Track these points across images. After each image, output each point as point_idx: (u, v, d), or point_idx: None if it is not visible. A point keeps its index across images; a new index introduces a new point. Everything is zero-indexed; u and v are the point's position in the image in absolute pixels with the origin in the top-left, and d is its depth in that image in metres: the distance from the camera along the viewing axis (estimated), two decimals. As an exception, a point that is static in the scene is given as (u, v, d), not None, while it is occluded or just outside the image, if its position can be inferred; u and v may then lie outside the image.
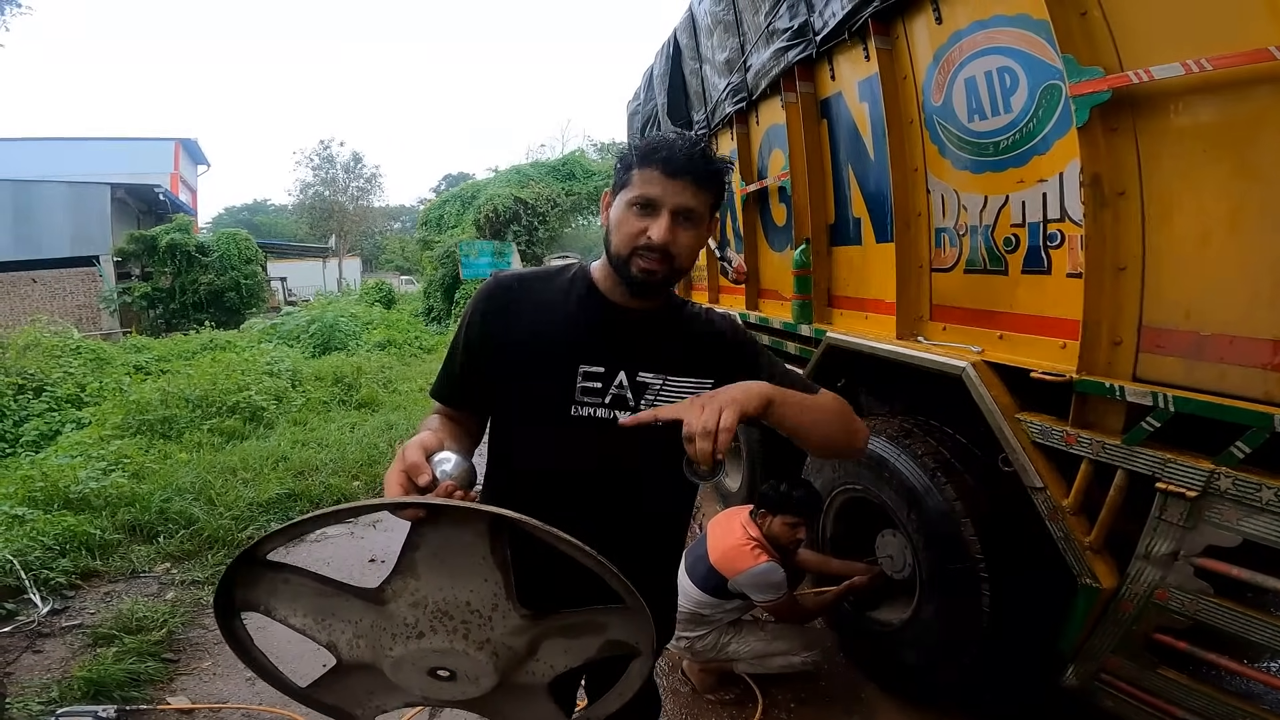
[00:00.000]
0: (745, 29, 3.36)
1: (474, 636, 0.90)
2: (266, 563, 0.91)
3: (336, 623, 0.92)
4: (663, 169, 1.10)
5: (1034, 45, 1.77)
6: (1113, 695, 1.74)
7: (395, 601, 0.89)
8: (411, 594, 0.88)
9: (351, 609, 0.91)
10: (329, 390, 8.43)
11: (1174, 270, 1.49)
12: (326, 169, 37.71)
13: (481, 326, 1.22)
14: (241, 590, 0.91)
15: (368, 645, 0.92)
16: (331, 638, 0.93)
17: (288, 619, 0.92)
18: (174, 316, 18.01)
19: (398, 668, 0.93)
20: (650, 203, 1.11)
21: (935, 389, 2.20)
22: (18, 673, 2.87)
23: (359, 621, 0.91)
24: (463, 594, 0.88)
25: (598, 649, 0.96)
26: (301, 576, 0.91)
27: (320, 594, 0.91)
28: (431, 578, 0.87)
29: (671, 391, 1.21)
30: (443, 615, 0.89)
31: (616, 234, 1.15)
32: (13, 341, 9.99)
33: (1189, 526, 1.46)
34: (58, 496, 4.35)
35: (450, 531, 0.85)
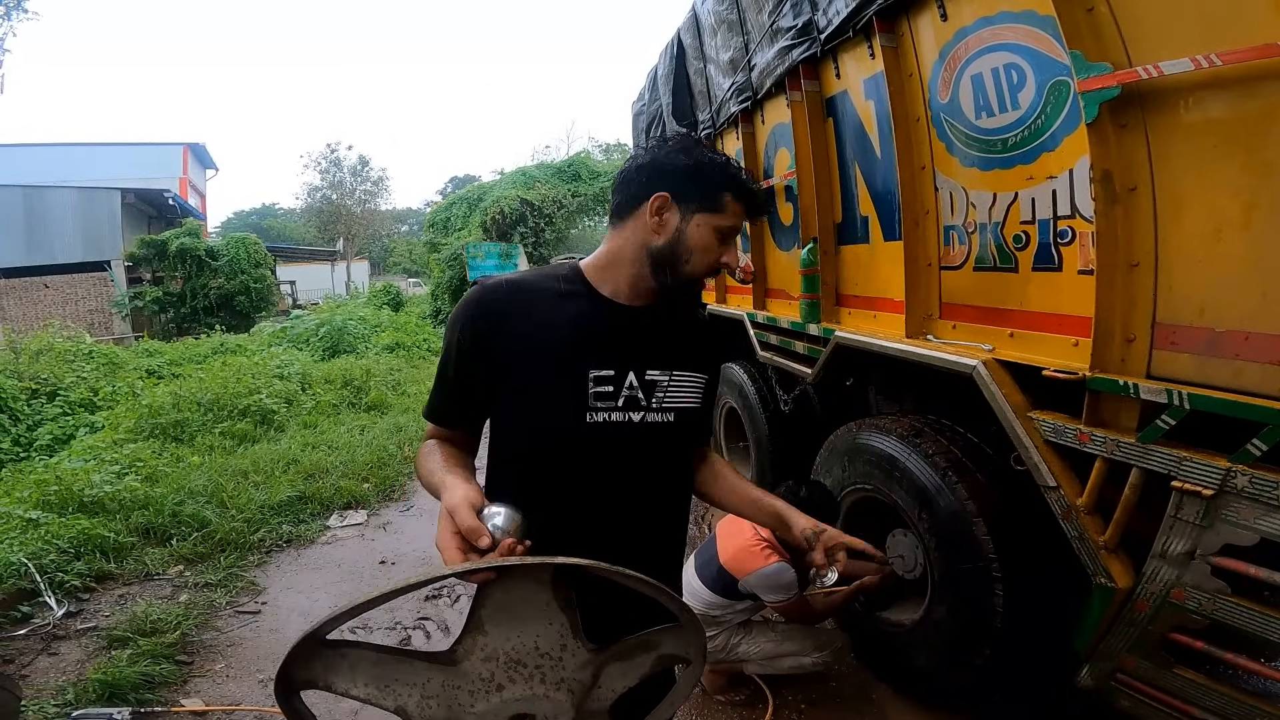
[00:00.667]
0: (749, 28, 3.35)
1: (550, 678, 0.92)
2: (325, 641, 0.90)
3: (401, 687, 0.92)
4: (748, 208, 1.18)
5: (1041, 41, 1.75)
6: (1128, 695, 1.72)
7: (468, 660, 0.90)
8: (482, 650, 0.90)
9: (416, 672, 0.91)
10: (338, 393, 8.47)
11: (1187, 266, 1.47)
12: (334, 172, 37.98)
13: (474, 340, 1.16)
14: (301, 669, 0.90)
15: (441, 704, 0.92)
16: (399, 702, 0.92)
17: (349, 691, 0.92)
18: (185, 320, 18.14)
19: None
20: (733, 233, 1.18)
21: (945, 388, 2.19)
22: (33, 675, 2.90)
23: (427, 683, 0.91)
24: (530, 640, 0.90)
25: (650, 665, 1.00)
26: (359, 650, 0.90)
27: (380, 663, 0.91)
28: (498, 631, 0.89)
29: (677, 386, 1.20)
30: (516, 664, 0.91)
31: (701, 256, 1.16)
32: (26, 346, 10.08)
33: (1205, 525, 1.44)
34: (72, 500, 4.40)
35: (512, 586, 0.87)
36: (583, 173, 18.69)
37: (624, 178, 1.19)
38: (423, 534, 4.47)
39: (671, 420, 1.20)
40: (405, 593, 0.82)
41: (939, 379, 2.16)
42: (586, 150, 22.89)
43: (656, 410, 1.18)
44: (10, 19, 13.80)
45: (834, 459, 2.69)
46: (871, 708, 2.56)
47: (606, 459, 1.17)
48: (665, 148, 1.17)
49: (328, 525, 4.71)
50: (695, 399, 1.24)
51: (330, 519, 4.81)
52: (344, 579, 3.91)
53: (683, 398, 1.21)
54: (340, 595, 3.70)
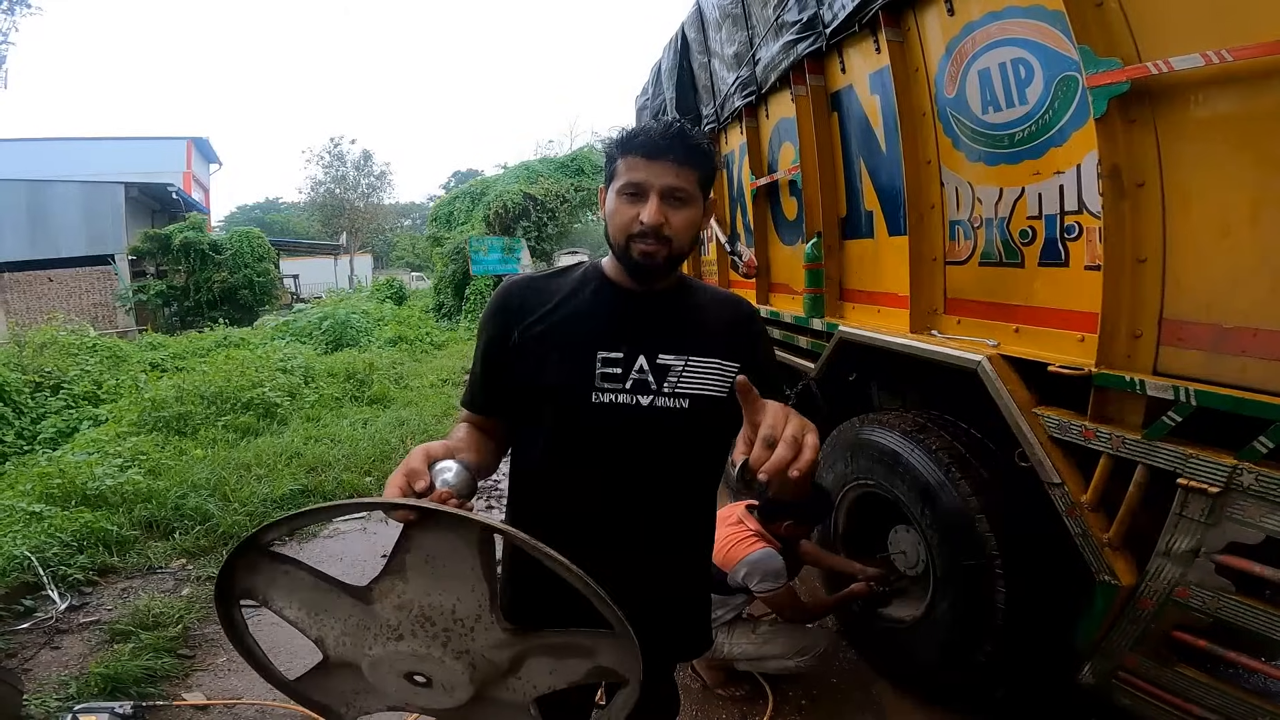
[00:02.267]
0: (753, 22, 3.34)
1: (453, 645, 0.90)
2: (269, 553, 0.93)
3: (327, 619, 0.93)
4: (643, 153, 1.12)
5: (1049, 36, 1.74)
6: (1130, 693, 1.72)
7: (381, 602, 0.90)
8: (398, 596, 0.89)
9: (341, 606, 0.92)
10: (341, 386, 8.48)
11: (1195, 262, 1.46)
12: (337, 167, 38.00)
13: (495, 328, 1.24)
14: (243, 577, 0.93)
15: (352, 643, 0.94)
16: (320, 633, 0.95)
17: (282, 610, 0.94)
18: (188, 314, 18.17)
19: (375, 668, 0.94)
20: (638, 188, 1.13)
21: (949, 383, 2.18)
22: (36, 669, 2.90)
23: (347, 619, 0.93)
24: (448, 601, 0.89)
25: (585, 674, 0.95)
26: (300, 570, 0.93)
27: (315, 588, 0.93)
28: (419, 582, 0.88)
29: (694, 372, 1.19)
30: (425, 621, 0.89)
31: (612, 223, 1.16)
32: (30, 339, 10.10)
33: (1211, 523, 1.43)
34: (75, 493, 4.40)
35: (440, 538, 0.86)
36: (585, 167, 18.66)
37: None
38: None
39: (685, 406, 1.18)
40: (337, 513, 0.91)
41: (943, 374, 2.15)
42: (590, 145, 22.84)
43: (669, 395, 1.17)
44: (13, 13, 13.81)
45: (837, 454, 2.68)
46: (872, 704, 2.55)
47: (613, 441, 1.17)
48: None
49: (330, 519, 4.72)
50: (718, 388, 1.21)
51: (333, 515, 4.82)
52: (346, 572, 3.88)
53: (701, 385, 1.20)
54: (342, 589, 3.70)
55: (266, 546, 0.92)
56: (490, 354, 1.25)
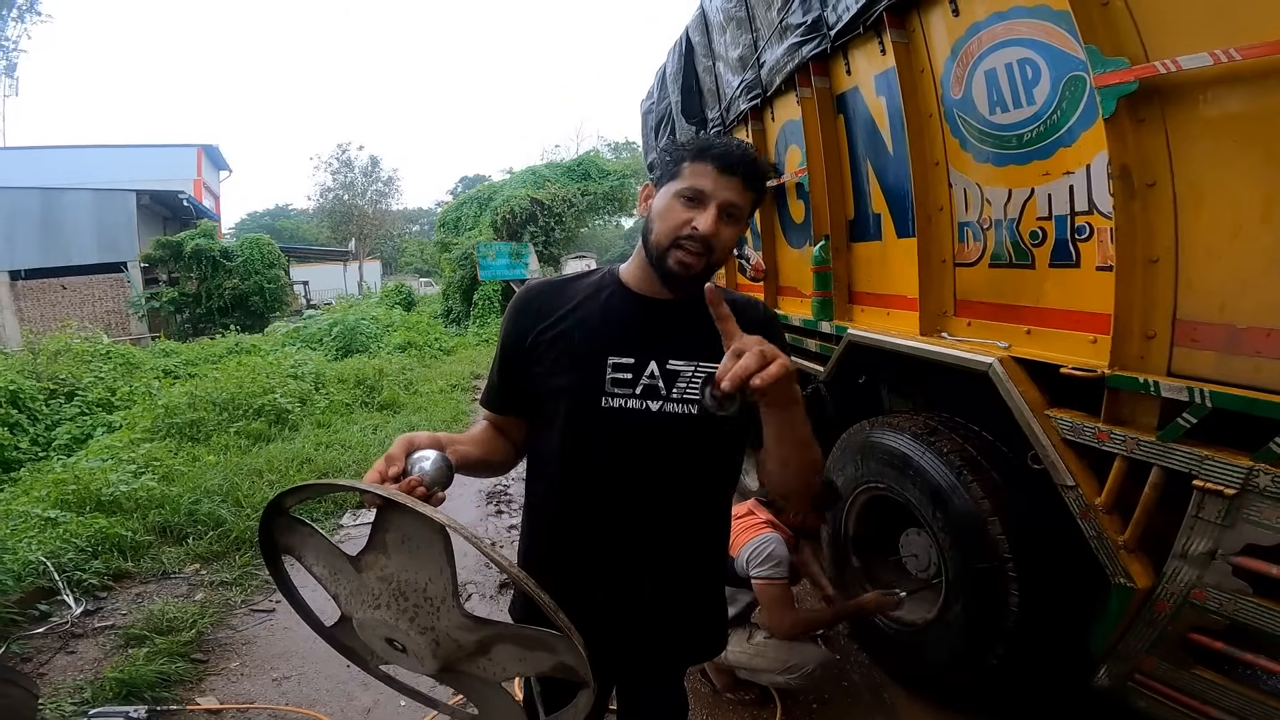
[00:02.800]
0: (758, 25, 3.34)
1: (419, 621, 0.97)
2: (294, 518, 1.05)
3: (341, 579, 1.03)
4: (716, 164, 1.13)
5: (1055, 36, 1.73)
6: (1146, 695, 1.71)
7: (367, 572, 0.99)
8: (381, 569, 0.97)
9: (346, 570, 1.02)
10: (351, 392, 8.52)
11: (1207, 261, 1.45)
12: (345, 173, 38.16)
13: (512, 330, 1.27)
14: (282, 536, 1.07)
15: (354, 602, 1.03)
16: (336, 590, 1.04)
17: (311, 567, 1.06)
18: (200, 321, 18.32)
19: (361, 628, 1.04)
20: (700, 195, 1.13)
21: (959, 386, 2.17)
22: (51, 673, 2.92)
23: (349, 582, 1.02)
24: (422, 579, 0.96)
25: (550, 667, 0.99)
26: (318, 536, 1.05)
27: (330, 552, 1.04)
28: (399, 559, 0.96)
29: (704, 377, 1.19)
30: (399, 594, 0.97)
31: (660, 223, 1.16)
32: (44, 347, 10.20)
33: (1227, 525, 1.42)
34: (90, 499, 4.44)
35: (411, 522, 0.93)
36: (592, 171, 18.71)
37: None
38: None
39: (694, 413, 1.19)
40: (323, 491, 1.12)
41: (953, 377, 2.14)
42: (596, 149, 22.89)
43: (678, 401, 1.18)
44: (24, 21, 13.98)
45: (846, 457, 2.67)
46: (884, 708, 2.54)
47: (623, 445, 1.18)
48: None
49: (341, 524, 4.74)
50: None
51: (344, 518, 4.84)
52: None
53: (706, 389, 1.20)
54: (354, 594, 3.71)
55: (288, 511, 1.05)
56: (506, 355, 1.28)
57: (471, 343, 14.70)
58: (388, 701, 2.76)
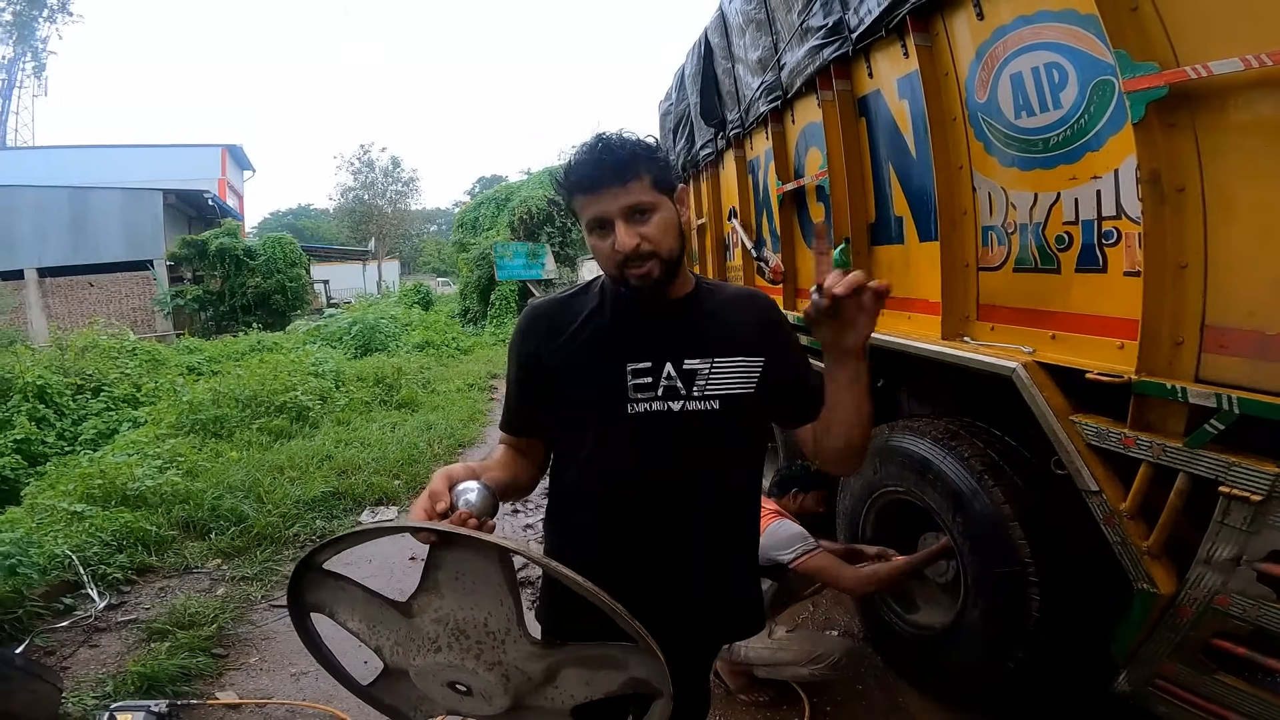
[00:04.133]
0: (778, 27, 3.33)
1: (485, 657, 0.95)
2: (326, 571, 1.02)
3: (382, 630, 1.01)
4: (584, 189, 1.12)
5: (1083, 40, 1.72)
6: (1166, 700, 1.69)
7: (420, 616, 0.97)
8: (435, 610, 0.96)
9: (391, 619, 1.00)
10: (370, 390, 8.62)
11: (1237, 268, 1.43)
12: (366, 173, 38.57)
13: (524, 352, 1.27)
14: (311, 593, 1.03)
15: (402, 653, 1.00)
16: (378, 643, 1.02)
17: (346, 622, 1.03)
18: (224, 318, 18.60)
19: (420, 677, 1.01)
20: (601, 221, 1.13)
21: (981, 390, 2.16)
22: (74, 667, 2.97)
23: (397, 631, 1.00)
24: (480, 615, 0.94)
25: (619, 685, 0.98)
26: (354, 586, 1.02)
27: (369, 603, 1.01)
28: (453, 597, 0.95)
29: (720, 373, 1.21)
30: (460, 634, 0.95)
31: (600, 262, 1.19)
32: (72, 343, 10.41)
33: (1253, 531, 1.41)
34: (115, 493, 4.53)
35: (465, 556, 0.92)
36: (610, 173, 18.71)
37: None
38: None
39: (716, 408, 1.20)
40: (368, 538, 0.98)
41: (974, 381, 2.13)
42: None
43: (699, 399, 1.20)
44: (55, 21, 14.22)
45: (866, 461, 2.65)
46: (899, 712, 2.53)
47: (651, 448, 1.20)
48: None
49: (360, 521, 4.79)
50: (744, 385, 1.23)
51: (362, 515, 4.90)
52: (375, 574, 3.96)
53: (729, 384, 1.21)
54: (372, 590, 3.75)
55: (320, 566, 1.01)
56: (522, 377, 1.28)
57: (489, 342, 14.79)
58: (405, 698, 2.79)
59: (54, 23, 32.56)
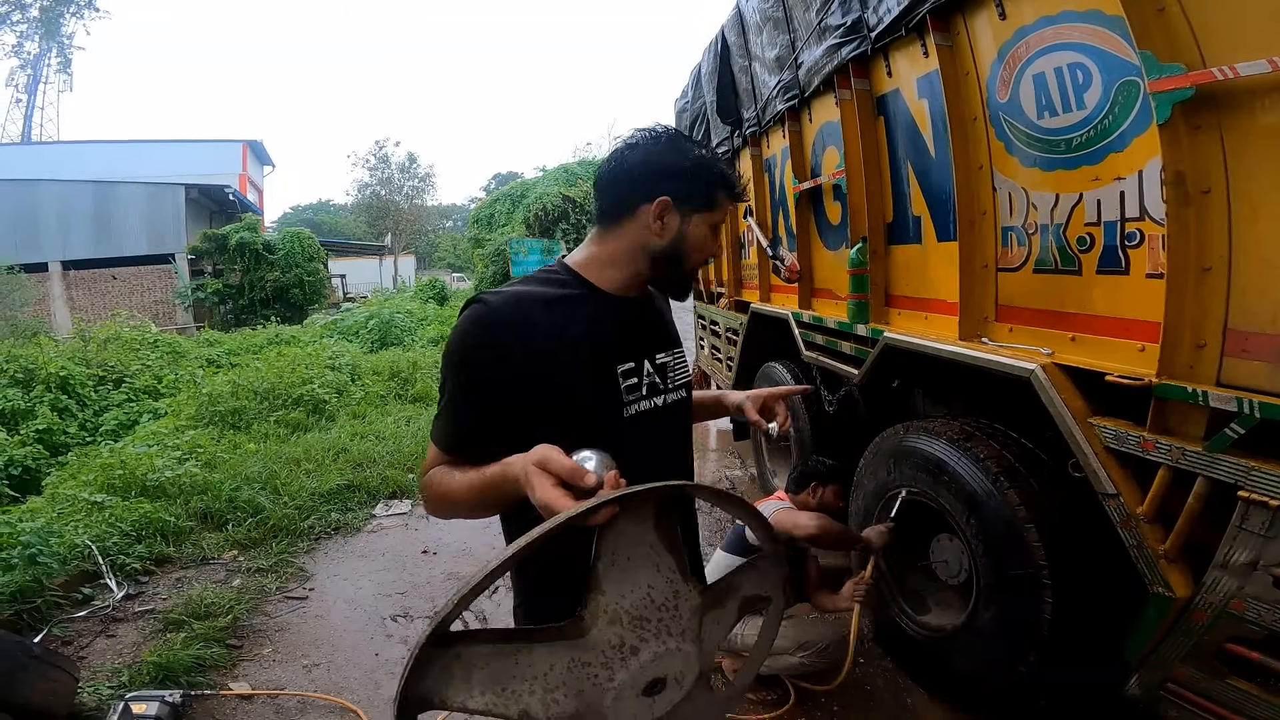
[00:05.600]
0: (795, 26, 3.32)
1: (674, 629, 0.85)
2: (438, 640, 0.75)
3: (520, 685, 0.78)
4: (732, 198, 1.21)
5: (1108, 41, 1.70)
6: (1178, 705, 1.68)
7: (595, 627, 0.81)
8: (605, 612, 0.81)
9: (535, 662, 0.79)
10: (386, 384, 8.68)
11: (1261, 271, 1.42)
12: (383, 169, 38.80)
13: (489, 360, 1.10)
14: (412, 686, 0.73)
15: (569, 693, 0.80)
16: (523, 706, 0.78)
17: (466, 704, 0.76)
18: (242, 312, 18.80)
19: (619, 699, 0.83)
20: (720, 225, 1.24)
21: (997, 392, 2.14)
22: (91, 656, 3.01)
23: (549, 672, 0.79)
24: (642, 592, 0.83)
25: (737, 610, 0.97)
26: (474, 645, 0.77)
27: (495, 657, 0.78)
28: (613, 587, 0.82)
29: (679, 363, 1.30)
30: (640, 621, 0.83)
31: (699, 253, 1.21)
32: (95, 335, 10.56)
33: (1271, 536, 1.39)
34: (135, 484, 4.59)
35: (623, 529, 0.81)
36: (625, 170, 18.73)
37: (613, 179, 1.18)
38: (463, 525, 4.51)
39: (685, 396, 1.30)
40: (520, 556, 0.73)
41: (990, 382, 2.11)
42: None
43: (673, 390, 1.26)
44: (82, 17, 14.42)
45: (880, 461, 2.65)
46: (907, 714, 2.52)
47: (646, 447, 1.18)
48: (653, 146, 1.17)
49: (374, 514, 4.84)
50: (688, 371, 1.34)
51: (376, 508, 4.93)
52: (388, 567, 4.00)
53: (685, 372, 1.31)
54: (385, 583, 3.79)
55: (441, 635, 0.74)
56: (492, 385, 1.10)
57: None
58: (416, 690, 2.81)
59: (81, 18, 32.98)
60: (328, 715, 2.69)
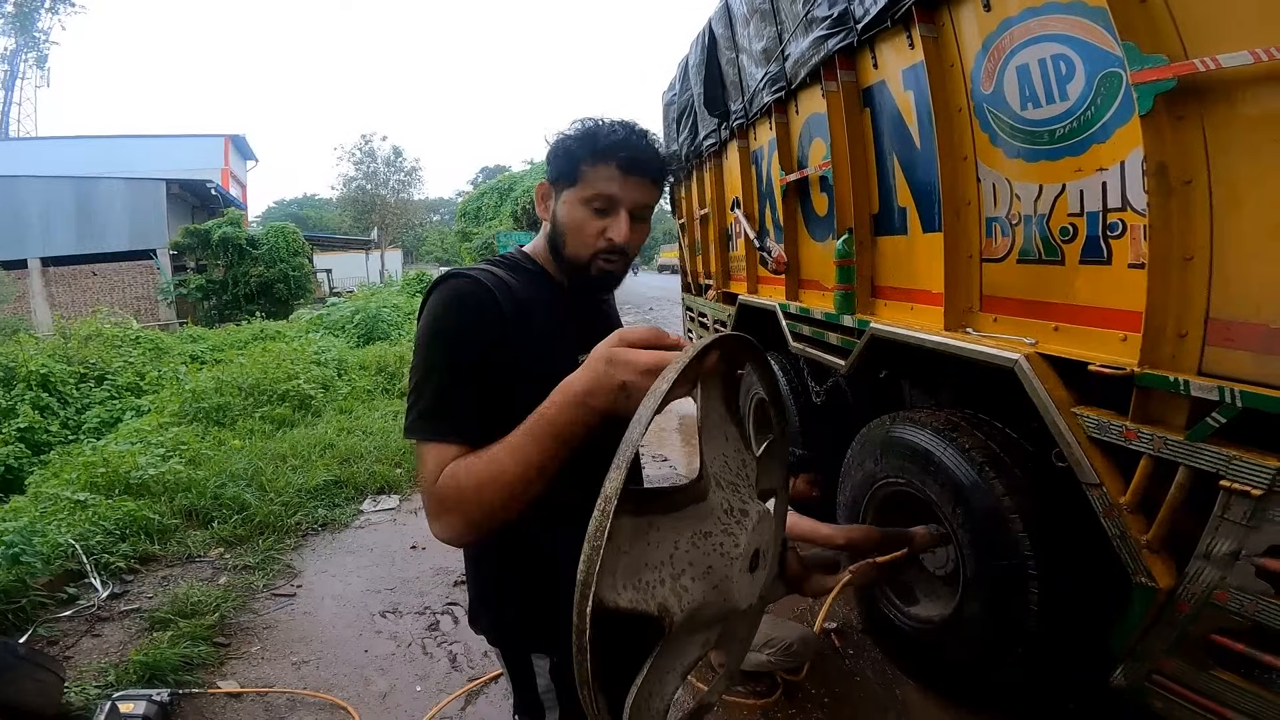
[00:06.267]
0: (783, 18, 3.31)
1: (753, 495, 0.81)
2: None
3: (651, 573, 0.69)
4: (620, 166, 1.06)
5: (1090, 33, 1.71)
6: (1163, 696, 1.69)
7: (712, 489, 0.76)
8: (713, 477, 0.76)
9: (664, 539, 0.71)
10: (372, 379, 8.62)
11: (1243, 261, 1.43)
12: (368, 163, 38.51)
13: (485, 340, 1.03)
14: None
15: (697, 574, 0.72)
16: (661, 599, 0.70)
17: (617, 602, 0.66)
18: (227, 307, 18.62)
19: (742, 573, 0.76)
20: (609, 202, 1.07)
21: (983, 382, 2.16)
22: (77, 656, 2.98)
23: (675, 552, 0.71)
24: (722, 459, 0.80)
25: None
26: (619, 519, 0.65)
27: (636, 535, 0.68)
28: (709, 451, 0.78)
29: None
30: (734, 486, 0.78)
31: (574, 237, 1.10)
32: (75, 332, 10.42)
33: (1253, 526, 1.40)
34: (119, 482, 4.54)
35: (711, 390, 0.78)
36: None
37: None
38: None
39: None
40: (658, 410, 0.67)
41: (977, 373, 2.12)
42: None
43: None
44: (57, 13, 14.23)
45: (866, 452, 2.66)
46: (896, 704, 2.54)
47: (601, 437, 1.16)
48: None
49: (361, 509, 4.81)
50: None
51: (364, 503, 4.91)
52: (377, 563, 3.98)
53: None
54: (373, 579, 3.77)
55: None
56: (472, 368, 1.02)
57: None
58: (404, 687, 2.81)
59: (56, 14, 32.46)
60: (318, 712, 2.67)
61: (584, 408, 0.86)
